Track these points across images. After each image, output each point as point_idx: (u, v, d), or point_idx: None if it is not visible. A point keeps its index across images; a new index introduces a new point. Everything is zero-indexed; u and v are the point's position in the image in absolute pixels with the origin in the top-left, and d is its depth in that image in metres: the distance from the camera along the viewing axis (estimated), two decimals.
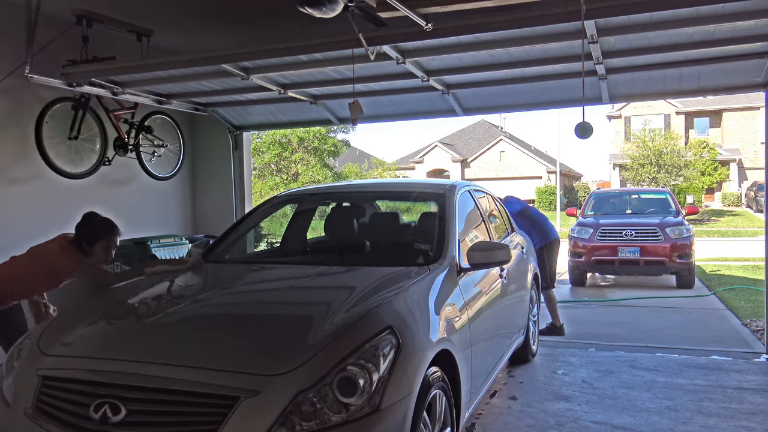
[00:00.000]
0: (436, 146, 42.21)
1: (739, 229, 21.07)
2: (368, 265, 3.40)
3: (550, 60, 4.76)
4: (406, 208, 8.83)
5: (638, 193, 13.29)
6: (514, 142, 41.76)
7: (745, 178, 33.17)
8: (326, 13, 3.58)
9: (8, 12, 4.93)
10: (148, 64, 5.00)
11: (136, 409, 2.19)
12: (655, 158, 28.02)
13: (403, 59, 4.55)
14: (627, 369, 5.06)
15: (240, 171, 7.23)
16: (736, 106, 33.38)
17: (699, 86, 5.47)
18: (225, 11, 5.15)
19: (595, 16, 3.59)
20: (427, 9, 3.67)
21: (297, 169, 22.89)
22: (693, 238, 9.80)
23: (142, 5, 5.01)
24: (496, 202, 5.26)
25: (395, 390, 2.30)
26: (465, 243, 3.65)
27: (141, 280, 3.57)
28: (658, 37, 4.31)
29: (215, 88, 5.90)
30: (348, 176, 26.43)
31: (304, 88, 5.72)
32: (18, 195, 5.17)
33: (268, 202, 4.53)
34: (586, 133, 4.11)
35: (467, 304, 3.25)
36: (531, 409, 4.15)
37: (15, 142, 5.13)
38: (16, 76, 4.81)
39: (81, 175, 5.51)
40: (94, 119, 5.58)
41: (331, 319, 2.52)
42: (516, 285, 4.53)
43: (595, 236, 10.00)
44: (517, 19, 3.75)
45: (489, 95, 5.92)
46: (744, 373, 4.94)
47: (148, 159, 6.19)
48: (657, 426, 3.82)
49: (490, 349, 3.73)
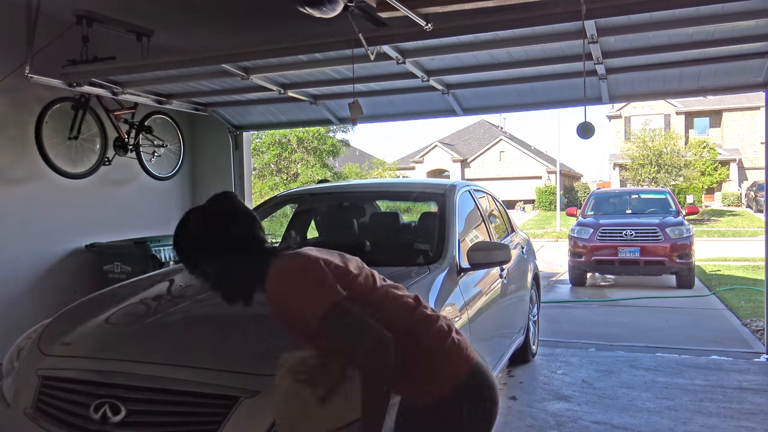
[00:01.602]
0: (436, 146, 42.21)
1: (739, 229, 21.06)
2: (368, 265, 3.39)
3: (551, 60, 4.76)
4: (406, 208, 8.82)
5: (638, 193, 13.31)
6: (514, 142, 41.76)
7: (745, 178, 33.16)
8: (326, 13, 3.58)
9: (8, 12, 4.93)
10: (148, 64, 5.00)
11: (136, 409, 2.19)
12: (655, 158, 28.01)
13: (403, 59, 4.55)
14: (627, 369, 5.06)
15: (240, 171, 7.23)
16: (736, 106, 33.37)
17: (699, 86, 5.47)
18: (225, 11, 5.15)
19: (595, 16, 3.59)
20: (427, 9, 3.67)
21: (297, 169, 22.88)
22: (693, 238, 9.81)
23: (142, 5, 5.01)
24: (496, 202, 5.26)
25: None
26: (465, 243, 3.65)
27: (141, 280, 3.57)
28: (658, 37, 4.30)
29: (215, 88, 5.89)
30: (348, 176, 26.43)
31: (304, 88, 5.72)
32: (18, 195, 5.17)
33: (268, 202, 4.53)
34: (588, 132, 4.12)
35: (467, 304, 3.25)
36: (531, 409, 4.15)
37: (15, 142, 5.13)
38: (16, 76, 4.80)
39: (81, 175, 5.51)
40: (94, 119, 5.58)
41: None
42: (516, 285, 4.53)
43: (595, 236, 10.00)
44: (517, 19, 3.75)
45: (489, 95, 5.92)
46: (744, 373, 4.94)
47: (148, 159, 6.19)
48: (657, 426, 3.82)
49: (491, 348, 3.73)
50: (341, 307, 1.75)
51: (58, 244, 5.56)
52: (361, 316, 1.77)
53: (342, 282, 1.82)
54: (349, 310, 1.77)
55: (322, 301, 1.75)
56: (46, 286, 5.34)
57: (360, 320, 1.76)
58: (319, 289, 1.77)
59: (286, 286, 1.81)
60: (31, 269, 5.28)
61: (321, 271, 1.80)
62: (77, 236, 5.72)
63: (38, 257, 5.36)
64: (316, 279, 1.79)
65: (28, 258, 5.24)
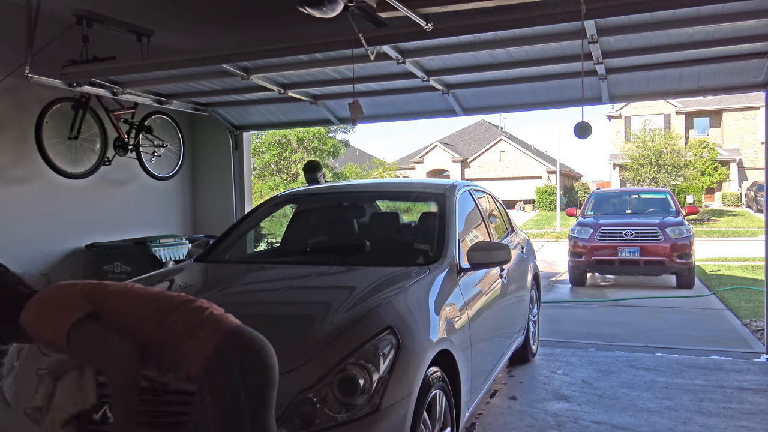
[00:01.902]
0: (436, 146, 42.22)
1: (739, 229, 21.06)
2: (368, 265, 3.40)
3: (550, 60, 4.76)
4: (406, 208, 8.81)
5: (638, 193, 13.29)
6: (514, 142, 41.76)
7: (745, 178, 33.16)
8: (326, 13, 3.58)
9: (8, 12, 4.93)
10: (148, 64, 5.00)
11: None
12: (655, 158, 28.00)
13: (403, 59, 4.55)
14: (627, 369, 5.06)
15: (240, 171, 7.23)
16: (736, 106, 33.36)
17: (699, 86, 5.47)
18: (225, 11, 5.15)
19: (595, 16, 3.59)
20: (427, 9, 3.68)
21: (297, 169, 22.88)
22: (693, 238, 9.81)
23: (142, 5, 5.01)
24: (496, 202, 5.26)
25: (395, 390, 2.30)
26: (465, 243, 3.65)
27: (140, 280, 3.57)
28: (658, 37, 4.31)
29: (215, 88, 5.90)
30: (348, 176, 26.42)
31: (304, 88, 5.72)
32: (18, 195, 5.17)
33: (268, 202, 4.53)
34: (585, 132, 4.12)
35: (467, 304, 3.25)
36: (531, 409, 4.15)
37: (15, 142, 5.13)
38: (16, 76, 4.81)
39: (81, 175, 5.51)
40: (94, 119, 5.59)
41: (331, 319, 2.52)
42: (516, 285, 4.53)
43: (595, 236, 10.00)
44: (517, 19, 3.75)
45: (489, 95, 5.92)
46: (744, 373, 4.94)
47: (148, 159, 6.19)
48: (657, 426, 3.82)
49: (491, 348, 3.73)
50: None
51: (58, 244, 5.56)
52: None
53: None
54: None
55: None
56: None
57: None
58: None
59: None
60: (31, 269, 5.28)
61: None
62: (77, 236, 5.72)
63: (38, 257, 5.36)
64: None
65: (28, 258, 5.24)
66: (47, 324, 1.96)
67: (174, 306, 2.02)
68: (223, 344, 1.92)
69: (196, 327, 1.95)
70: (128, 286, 2.13)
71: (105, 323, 1.96)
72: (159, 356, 1.96)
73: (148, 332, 1.96)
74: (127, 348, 1.90)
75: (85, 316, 1.93)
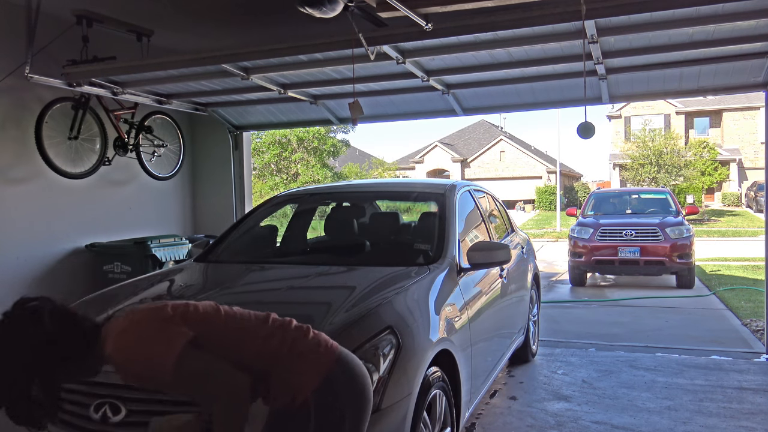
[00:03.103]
0: (436, 146, 42.21)
1: (739, 229, 21.05)
2: (368, 265, 3.40)
3: (551, 60, 4.76)
4: (406, 208, 8.82)
5: (638, 193, 13.29)
6: (514, 142, 41.75)
7: (745, 178, 33.16)
8: (326, 13, 3.58)
9: (8, 12, 4.93)
10: (148, 64, 4.99)
11: (136, 409, 2.19)
12: (655, 158, 28.00)
13: (403, 59, 4.55)
14: (627, 369, 5.06)
15: (240, 171, 7.23)
16: (736, 106, 33.36)
17: (699, 86, 5.47)
18: (225, 11, 5.14)
19: (595, 16, 3.59)
20: (427, 9, 3.67)
21: (297, 169, 22.89)
22: (693, 238, 9.81)
23: (142, 5, 5.01)
24: (496, 202, 5.26)
25: (395, 390, 2.30)
26: (465, 243, 3.65)
27: (140, 280, 3.57)
28: (658, 37, 4.30)
29: (215, 88, 5.89)
30: (348, 176, 26.43)
31: (304, 88, 5.72)
32: (18, 195, 5.17)
33: (268, 202, 4.53)
34: (589, 132, 4.12)
35: (467, 304, 3.25)
36: (531, 409, 4.15)
37: (15, 142, 5.13)
38: (16, 76, 4.81)
39: (81, 175, 5.51)
40: (94, 119, 5.58)
41: (330, 319, 2.52)
42: (516, 285, 4.54)
43: (595, 236, 10.00)
44: (517, 19, 3.75)
45: (489, 95, 5.92)
46: (744, 373, 4.94)
47: (148, 159, 6.19)
48: (657, 426, 3.82)
49: (490, 348, 3.73)
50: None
51: (58, 244, 5.56)
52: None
53: None
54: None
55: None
56: (45, 287, 5.33)
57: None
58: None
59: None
60: (31, 269, 5.28)
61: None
62: (77, 236, 5.72)
63: (38, 257, 5.36)
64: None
65: (28, 258, 5.24)
66: (147, 355, 1.74)
67: (274, 328, 1.93)
68: (336, 368, 1.87)
69: (307, 351, 1.88)
70: (216, 307, 1.94)
71: (210, 350, 1.79)
72: (265, 382, 1.86)
73: (252, 357, 1.85)
74: (239, 377, 1.77)
75: (187, 343, 1.74)
